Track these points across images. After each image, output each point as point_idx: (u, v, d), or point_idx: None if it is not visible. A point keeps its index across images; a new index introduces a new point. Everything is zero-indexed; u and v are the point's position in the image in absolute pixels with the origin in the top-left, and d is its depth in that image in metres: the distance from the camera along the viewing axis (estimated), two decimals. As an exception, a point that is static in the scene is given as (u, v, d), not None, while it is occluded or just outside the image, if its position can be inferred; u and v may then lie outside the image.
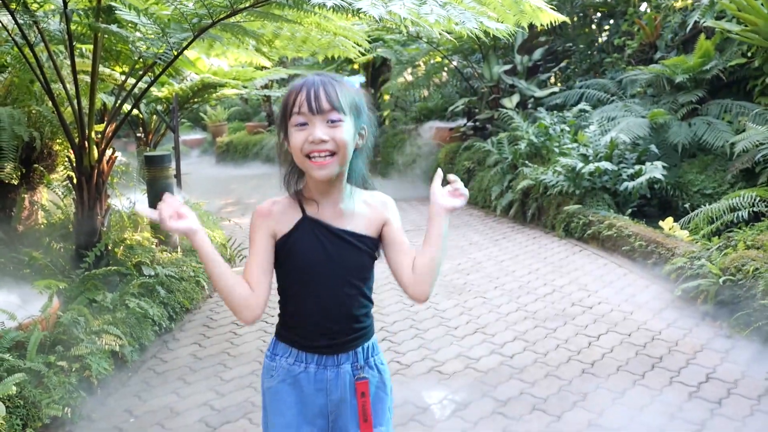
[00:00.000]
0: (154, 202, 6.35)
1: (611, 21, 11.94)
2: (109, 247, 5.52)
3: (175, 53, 5.28)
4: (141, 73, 5.93)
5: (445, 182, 1.99)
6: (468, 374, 4.26)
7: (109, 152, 5.69)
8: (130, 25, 5.40)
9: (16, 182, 5.77)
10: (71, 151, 5.48)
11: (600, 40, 12.00)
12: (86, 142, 5.34)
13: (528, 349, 4.64)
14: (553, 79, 12.10)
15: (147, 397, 4.09)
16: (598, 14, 12.52)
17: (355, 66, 13.76)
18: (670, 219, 6.53)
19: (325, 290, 1.89)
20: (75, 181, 5.45)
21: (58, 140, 6.30)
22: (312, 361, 1.92)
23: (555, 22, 5.19)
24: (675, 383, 4.03)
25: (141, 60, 6.08)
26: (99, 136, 5.58)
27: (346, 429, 1.95)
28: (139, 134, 10.34)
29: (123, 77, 7.11)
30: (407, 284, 1.93)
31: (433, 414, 3.76)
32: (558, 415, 3.70)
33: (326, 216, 1.87)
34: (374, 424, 1.95)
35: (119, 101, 5.79)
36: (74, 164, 5.44)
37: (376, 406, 1.98)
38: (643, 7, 11.07)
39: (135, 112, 9.04)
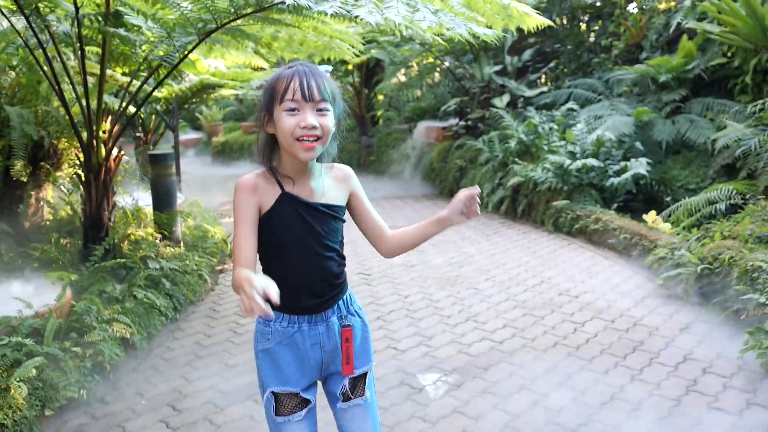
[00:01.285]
0: (157, 199, 6.60)
1: (599, 22, 12.20)
2: (116, 242, 5.76)
3: (180, 56, 5.51)
4: (146, 74, 6.16)
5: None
6: (460, 358, 4.52)
7: (115, 151, 5.92)
8: (134, 28, 5.63)
9: (25, 179, 5.99)
10: (79, 150, 5.71)
11: (588, 41, 12.26)
12: (94, 141, 5.57)
13: (517, 335, 4.90)
14: (542, 79, 12.35)
15: (156, 381, 4.33)
16: (586, 16, 12.78)
17: (350, 67, 13.99)
18: (653, 212, 6.80)
19: (307, 258, 2.11)
20: (83, 178, 5.68)
21: (64, 139, 6.53)
22: (303, 320, 2.14)
23: (542, 25, 5.43)
24: (654, 364, 4.30)
25: (146, 62, 6.32)
26: (105, 134, 5.81)
27: (336, 371, 2.21)
28: (138, 134, 10.55)
29: (125, 79, 7.35)
30: (379, 247, 2.28)
31: (427, 394, 4.01)
32: (544, 393, 3.96)
33: (302, 192, 2.10)
34: (359, 364, 2.22)
35: (125, 102, 6.02)
36: (82, 162, 5.67)
37: (365, 345, 2.27)
38: (631, 7, 11.33)
39: (130, 113, 9.24)
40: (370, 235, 2.28)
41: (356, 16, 4.01)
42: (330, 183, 2.17)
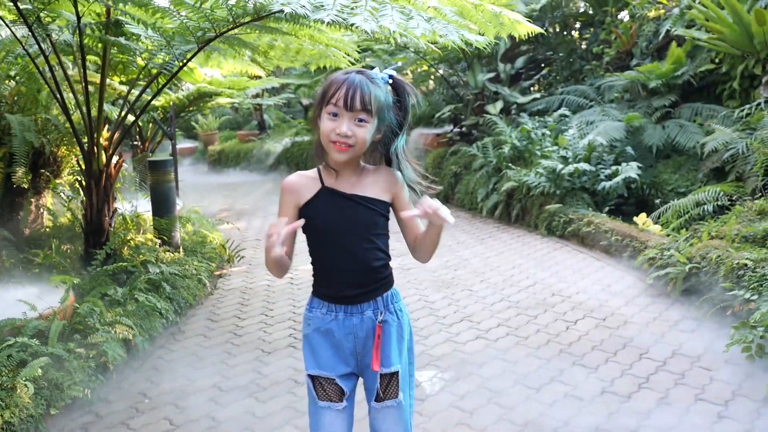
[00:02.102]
0: (156, 205, 6.71)
1: (590, 30, 12.37)
2: (116, 247, 5.87)
3: (179, 64, 5.63)
4: (145, 83, 6.28)
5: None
6: (455, 356, 4.63)
7: (115, 158, 6.04)
8: (133, 37, 5.75)
9: (26, 186, 6.09)
10: (80, 157, 5.82)
11: (580, 48, 12.42)
12: (95, 148, 5.68)
13: (511, 333, 5.02)
14: (535, 87, 12.50)
15: (159, 381, 4.42)
16: (578, 24, 12.96)
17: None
18: (643, 215, 6.93)
19: (344, 247, 2.25)
20: (84, 184, 5.79)
21: (63, 147, 6.63)
22: (340, 310, 2.28)
23: (532, 33, 5.56)
24: (644, 359, 4.43)
25: (145, 70, 6.44)
26: (106, 142, 5.92)
27: (366, 366, 2.32)
28: (135, 142, 10.65)
29: (122, 87, 7.46)
30: (411, 250, 2.38)
31: (424, 390, 4.12)
32: (537, 388, 4.08)
33: (342, 186, 2.23)
34: (387, 362, 2.29)
35: (125, 110, 6.13)
36: (83, 168, 5.78)
37: (395, 345, 2.32)
38: (622, 15, 11.50)
39: (130, 121, 9.35)
40: (409, 232, 2.36)
41: (352, 24, 4.13)
42: (374, 179, 2.28)
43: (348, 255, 2.26)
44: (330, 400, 2.29)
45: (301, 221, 2.18)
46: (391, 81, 2.26)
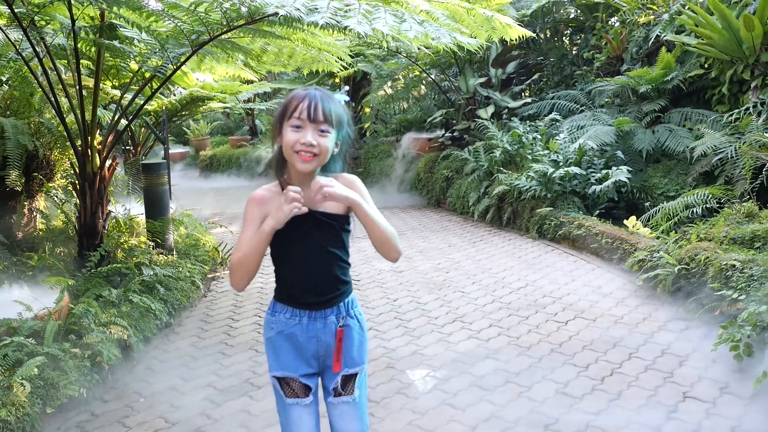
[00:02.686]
0: (150, 207, 6.74)
1: (581, 36, 12.46)
2: (110, 249, 5.89)
3: (173, 67, 5.67)
4: (139, 86, 6.31)
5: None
6: (447, 356, 4.68)
7: (109, 161, 6.06)
8: (127, 40, 5.79)
9: (19, 189, 6.11)
10: (74, 160, 5.85)
11: (570, 54, 12.51)
12: (89, 150, 5.72)
13: (502, 333, 5.07)
14: (527, 91, 12.58)
15: (153, 380, 4.46)
16: (569, 30, 13.05)
17: (337, 80, 14.18)
18: (633, 218, 7.00)
19: (307, 259, 2.33)
20: (78, 187, 5.82)
21: (56, 150, 6.66)
22: (304, 315, 2.36)
23: (523, 37, 5.63)
24: (634, 358, 4.48)
25: (138, 75, 6.48)
26: (100, 145, 5.95)
27: (329, 367, 2.40)
28: (128, 147, 10.66)
29: (115, 91, 7.50)
30: (377, 251, 2.40)
31: (416, 388, 4.17)
32: (528, 386, 4.13)
33: (306, 201, 2.24)
34: (350, 363, 2.41)
35: (118, 114, 6.17)
36: (77, 171, 5.81)
37: (356, 348, 2.43)
38: (612, 21, 11.59)
39: (123, 124, 9.38)
40: (372, 242, 2.39)
41: (346, 27, 4.19)
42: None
43: (309, 267, 2.34)
44: (297, 396, 2.39)
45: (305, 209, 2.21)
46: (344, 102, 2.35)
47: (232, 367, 4.63)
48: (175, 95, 10.12)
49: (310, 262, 2.33)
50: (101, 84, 7.65)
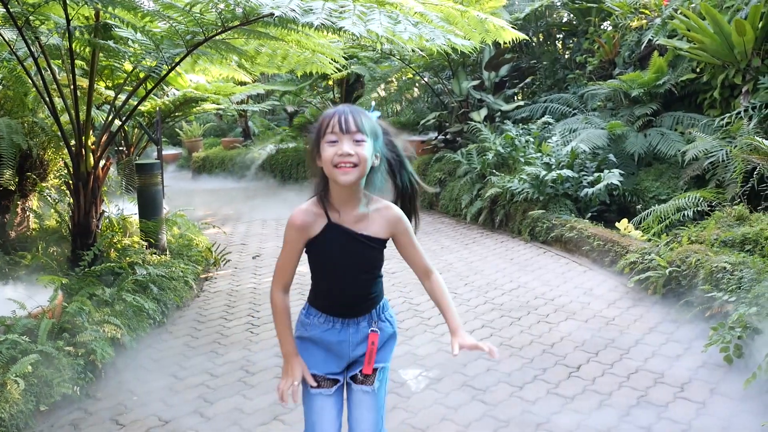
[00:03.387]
0: (143, 207, 6.74)
1: (574, 39, 12.52)
2: (103, 249, 5.90)
3: (167, 67, 5.68)
4: (133, 87, 6.32)
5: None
6: (440, 356, 4.71)
7: (102, 161, 6.07)
8: (122, 40, 5.80)
9: (13, 188, 6.11)
10: (68, 159, 5.85)
11: (563, 57, 12.57)
12: (83, 150, 5.72)
13: (495, 334, 5.10)
14: (519, 95, 12.63)
15: (147, 379, 4.47)
16: (562, 33, 13.10)
17: (330, 82, 14.20)
18: (624, 220, 7.03)
19: (345, 278, 2.41)
20: (72, 186, 5.82)
21: (50, 149, 6.66)
22: (338, 322, 2.45)
23: (517, 39, 5.66)
24: (625, 359, 4.52)
25: (131, 75, 6.48)
26: (94, 145, 5.96)
27: (357, 366, 2.49)
28: (121, 148, 10.67)
29: (109, 92, 7.50)
30: (422, 282, 2.57)
31: (409, 387, 4.19)
32: (520, 386, 4.16)
33: (346, 221, 2.34)
34: (382, 359, 2.50)
35: (113, 114, 6.17)
36: (71, 171, 5.82)
37: (387, 348, 2.55)
38: (605, 25, 11.65)
39: (117, 124, 9.37)
40: (415, 270, 2.55)
41: (341, 28, 4.21)
42: (376, 217, 2.38)
43: (347, 284, 2.42)
44: (320, 387, 2.46)
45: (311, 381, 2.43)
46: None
47: (226, 366, 4.65)
48: (168, 96, 10.13)
49: (348, 281, 2.42)
50: (95, 84, 7.67)
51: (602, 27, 11.63)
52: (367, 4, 4.60)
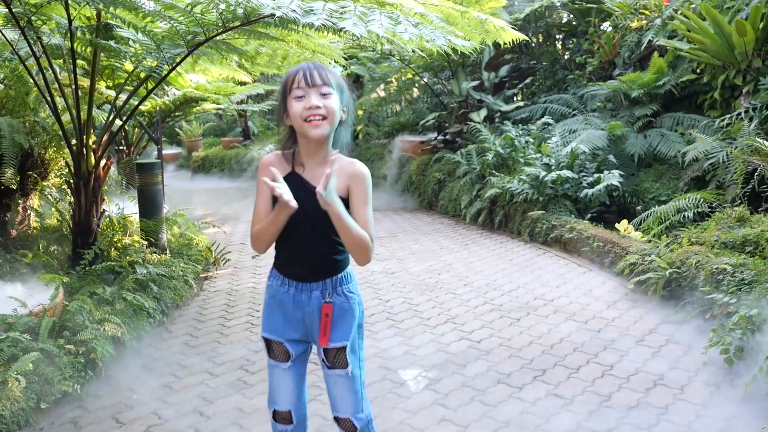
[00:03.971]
0: (144, 207, 6.75)
1: (573, 40, 12.53)
2: (104, 248, 5.91)
3: (168, 67, 5.68)
4: (134, 86, 6.32)
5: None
6: (439, 356, 4.71)
7: (103, 161, 6.08)
8: (123, 40, 5.80)
9: (15, 187, 6.11)
10: (69, 159, 5.86)
11: (563, 58, 12.57)
12: (84, 149, 5.73)
13: (494, 335, 5.10)
14: (519, 95, 12.63)
15: (147, 378, 4.48)
16: (561, 34, 13.11)
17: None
18: (624, 221, 7.03)
19: (296, 230, 2.43)
20: (73, 185, 5.83)
21: (51, 149, 6.66)
22: (292, 285, 2.52)
23: (517, 40, 5.66)
24: (625, 360, 4.53)
25: (132, 75, 6.49)
26: (95, 144, 5.96)
27: (315, 339, 2.54)
28: (121, 147, 10.66)
29: (110, 92, 7.49)
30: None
31: (408, 388, 4.20)
32: (519, 387, 4.17)
33: (308, 175, 2.40)
34: (335, 338, 2.50)
35: (113, 114, 6.18)
36: (72, 170, 5.82)
37: (341, 324, 2.51)
38: (605, 25, 11.66)
39: (117, 124, 9.38)
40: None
41: (341, 29, 4.22)
42: (337, 173, 2.34)
43: (299, 238, 2.45)
44: (277, 359, 2.59)
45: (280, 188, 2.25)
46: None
47: (226, 365, 4.66)
48: (168, 96, 10.12)
49: (300, 235, 2.44)
50: (96, 84, 7.67)
51: (602, 27, 11.64)
52: (368, 5, 4.61)
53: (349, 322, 2.53)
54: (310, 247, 2.46)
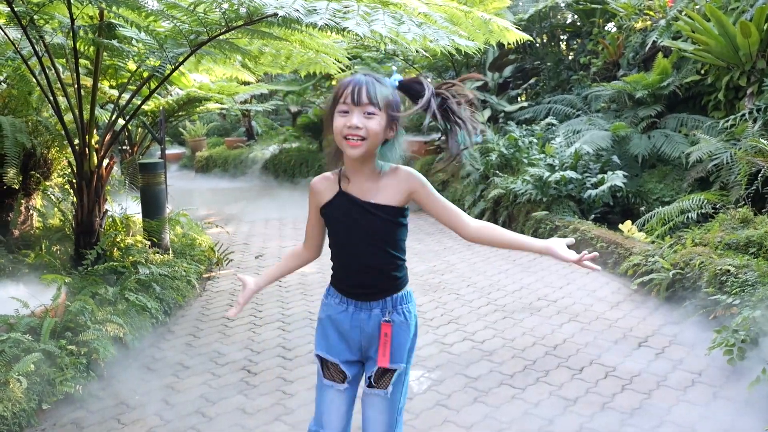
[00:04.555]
0: (147, 206, 6.75)
1: (578, 41, 12.51)
2: (106, 248, 5.90)
3: (171, 67, 5.68)
4: (137, 86, 6.32)
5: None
6: (442, 357, 4.70)
7: (106, 160, 6.08)
8: (125, 40, 5.80)
9: (17, 187, 6.11)
10: (72, 158, 5.86)
11: (567, 59, 12.55)
12: (87, 149, 5.72)
13: (497, 336, 5.09)
14: (523, 96, 12.62)
15: (149, 378, 4.47)
16: (566, 35, 13.10)
17: (333, 82, 14.18)
18: (628, 222, 7.02)
19: (353, 250, 2.39)
20: (75, 185, 5.83)
21: (54, 148, 6.66)
22: (351, 304, 2.42)
23: (521, 40, 5.65)
24: (628, 361, 4.51)
25: (135, 75, 6.48)
26: (97, 144, 5.96)
27: (372, 359, 2.43)
28: (124, 147, 10.67)
29: (113, 91, 7.50)
30: (460, 231, 2.39)
31: (411, 389, 4.18)
32: (522, 388, 4.15)
33: (356, 191, 2.33)
34: (392, 360, 2.39)
35: (116, 113, 6.18)
36: (75, 170, 5.82)
37: (400, 346, 2.42)
38: (609, 26, 11.65)
39: (120, 123, 9.38)
40: (445, 221, 2.40)
41: (345, 28, 4.20)
42: (388, 184, 2.33)
43: (356, 258, 2.39)
44: (333, 380, 2.47)
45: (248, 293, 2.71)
46: (398, 84, 2.34)
47: (228, 366, 4.65)
48: (171, 96, 10.13)
49: (355, 252, 2.39)
50: (99, 83, 7.68)
51: (606, 28, 11.63)
52: (371, 5, 4.59)
53: (404, 342, 2.44)
54: (367, 266, 2.39)
